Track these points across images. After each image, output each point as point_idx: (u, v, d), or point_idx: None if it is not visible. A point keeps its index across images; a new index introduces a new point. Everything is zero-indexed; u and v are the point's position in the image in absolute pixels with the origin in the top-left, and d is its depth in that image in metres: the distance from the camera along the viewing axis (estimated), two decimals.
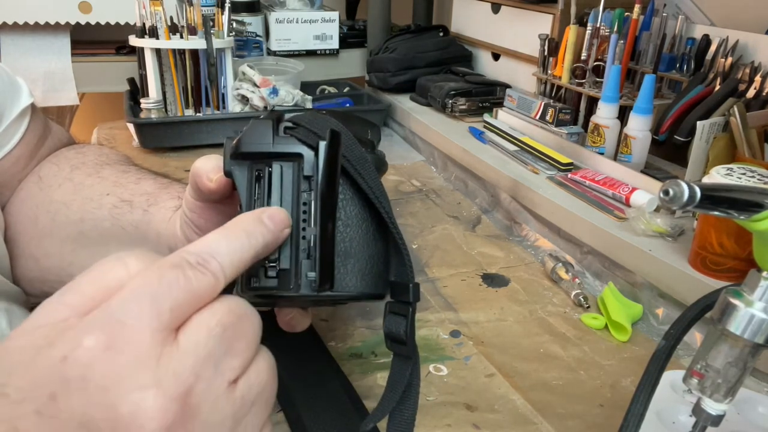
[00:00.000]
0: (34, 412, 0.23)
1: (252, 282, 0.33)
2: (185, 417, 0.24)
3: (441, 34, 1.21)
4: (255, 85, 0.98)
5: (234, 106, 0.99)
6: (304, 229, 0.34)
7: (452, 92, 1.01)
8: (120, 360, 0.23)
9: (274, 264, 0.33)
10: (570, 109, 0.88)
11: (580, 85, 0.88)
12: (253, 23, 1.19)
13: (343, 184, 0.36)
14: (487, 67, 1.15)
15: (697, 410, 0.32)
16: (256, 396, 0.27)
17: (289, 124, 0.35)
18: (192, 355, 0.24)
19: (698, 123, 0.65)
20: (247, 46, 1.20)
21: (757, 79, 0.70)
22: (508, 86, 1.02)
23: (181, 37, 0.92)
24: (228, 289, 0.34)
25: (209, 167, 0.39)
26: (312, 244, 0.33)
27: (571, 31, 0.87)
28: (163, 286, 0.25)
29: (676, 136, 0.73)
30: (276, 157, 0.35)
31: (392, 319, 0.36)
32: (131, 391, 0.23)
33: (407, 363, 0.36)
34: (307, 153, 0.35)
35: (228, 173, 0.36)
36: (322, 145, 0.33)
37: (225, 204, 0.42)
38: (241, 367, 0.26)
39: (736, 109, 0.62)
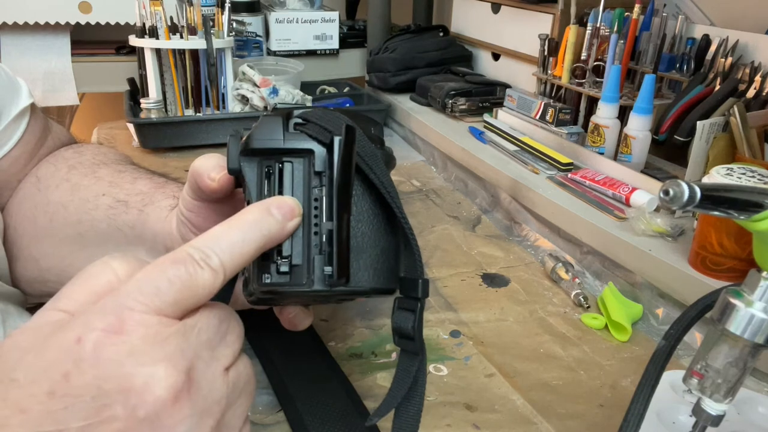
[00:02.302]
0: (46, 393, 0.24)
1: (264, 278, 0.33)
2: (190, 388, 0.26)
3: (441, 34, 1.21)
4: (255, 85, 0.98)
5: (234, 106, 1.00)
6: (316, 224, 0.34)
7: (452, 92, 1.01)
8: (132, 339, 0.25)
9: (286, 260, 0.33)
10: (570, 109, 0.88)
11: (580, 85, 0.88)
12: (253, 23, 1.19)
13: (354, 180, 0.36)
14: (487, 67, 1.15)
15: (697, 410, 0.32)
16: (243, 386, 0.29)
17: (299, 120, 0.35)
18: (194, 337, 0.27)
19: (698, 123, 0.65)
20: (247, 46, 1.20)
21: (757, 79, 0.70)
22: (508, 86, 1.02)
23: (181, 37, 0.92)
24: (230, 284, 0.34)
25: (210, 166, 0.39)
26: (324, 240, 0.33)
27: (571, 31, 0.87)
28: (166, 282, 0.27)
29: (676, 136, 0.74)
30: (286, 153, 0.35)
31: (401, 315, 0.36)
32: (145, 364, 0.25)
33: (414, 359, 0.36)
34: (318, 149, 0.34)
35: (234, 170, 0.36)
36: (337, 140, 0.33)
37: (223, 203, 0.42)
38: (232, 356, 0.29)
39: (736, 109, 0.62)
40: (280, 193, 0.35)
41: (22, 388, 0.24)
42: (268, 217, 0.31)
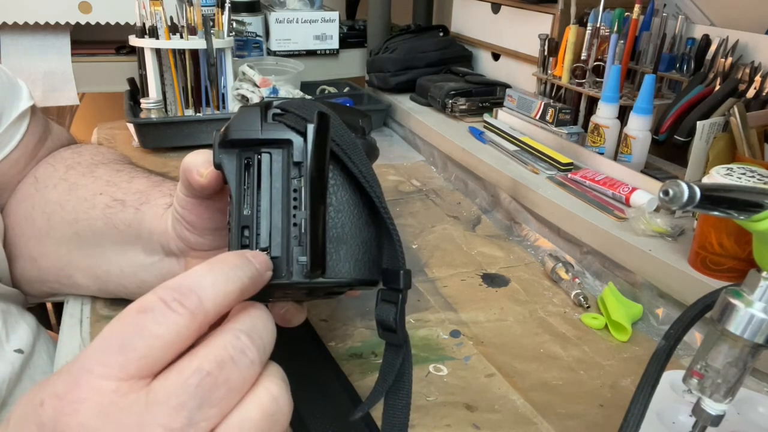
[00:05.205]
0: None
1: None
2: None
3: (441, 34, 1.21)
4: (255, 85, 0.98)
5: (234, 106, 0.99)
6: (294, 216, 0.33)
7: (452, 92, 1.01)
8: (84, 410, 0.23)
9: (265, 252, 0.33)
10: (570, 109, 0.88)
11: (580, 85, 0.88)
12: (253, 23, 1.19)
13: (333, 170, 0.35)
14: (487, 67, 1.15)
15: (697, 410, 0.32)
16: None
17: (278, 111, 0.35)
18: (162, 405, 0.24)
19: (698, 123, 0.65)
20: (247, 46, 1.20)
21: (757, 79, 0.70)
22: (508, 86, 1.02)
23: (181, 37, 0.92)
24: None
25: (199, 162, 0.39)
26: (303, 231, 0.33)
27: (571, 31, 0.87)
28: (131, 334, 0.24)
29: (676, 136, 0.73)
30: (265, 144, 0.34)
31: (383, 307, 0.36)
32: None
33: (398, 352, 0.35)
34: (297, 139, 0.34)
35: (218, 165, 0.36)
36: (310, 128, 0.33)
37: (216, 199, 0.42)
38: (219, 416, 0.25)
39: (736, 109, 0.62)
40: (259, 185, 0.34)
41: None
42: (246, 261, 0.29)
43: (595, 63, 0.86)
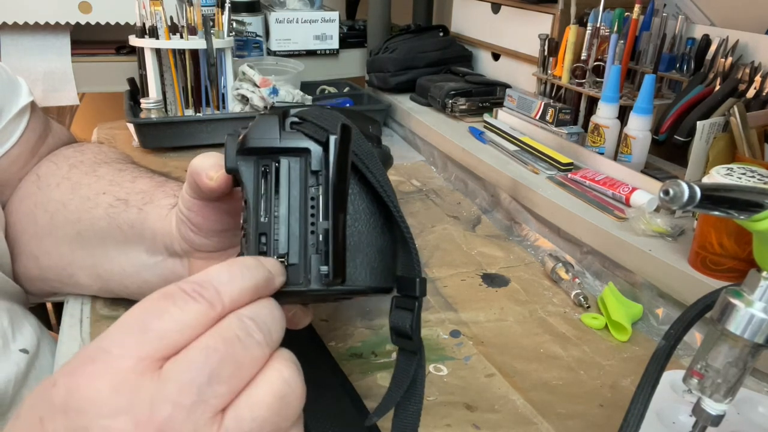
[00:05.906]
0: None
1: None
2: None
3: (441, 34, 1.21)
4: (255, 85, 0.98)
5: (234, 106, 1.00)
6: (313, 224, 0.34)
7: (452, 92, 1.01)
8: (98, 385, 0.24)
9: (283, 260, 0.33)
10: (570, 109, 0.88)
11: (580, 85, 0.88)
12: (253, 23, 1.19)
13: (351, 179, 0.36)
14: (487, 67, 1.15)
15: (697, 410, 0.32)
16: (252, 428, 0.25)
17: (296, 119, 0.35)
18: (172, 382, 0.24)
19: (698, 123, 0.65)
20: (247, 46, 1.20)
21: (757, 79, 0.70)
22: (508, 86, 1.02)
23: (181, 37, 0.92)
24: None
25: (208, 165, 0.39)
26: (321, 239, 0.33)
27: (571, 31, 0.87)
28: (152, 316, 0.25)
29: (676, 136, 0.73)
30: (283, 152, 0.35)
31: (398, 314, 0.36)
32: (104, 416, 0.23)
33: (412, 358, 0.36)
34: (315, 148, 0.35)
35: (231, 170, 0.36)
36: (333, 139, 0.33)
37: (223, 202, 0.42)
38: (228, 394, 0.25)
39: (736, 109, 0.62)
40: (277, 191, 0.34)
41: (15, 423, 0.25)
42: (263, 266, 0.30)
43: (595, 63, 0.86)
